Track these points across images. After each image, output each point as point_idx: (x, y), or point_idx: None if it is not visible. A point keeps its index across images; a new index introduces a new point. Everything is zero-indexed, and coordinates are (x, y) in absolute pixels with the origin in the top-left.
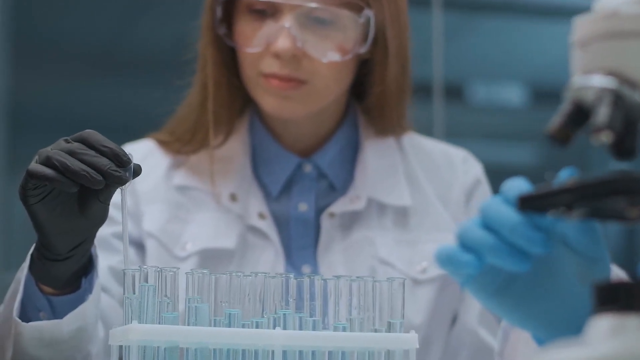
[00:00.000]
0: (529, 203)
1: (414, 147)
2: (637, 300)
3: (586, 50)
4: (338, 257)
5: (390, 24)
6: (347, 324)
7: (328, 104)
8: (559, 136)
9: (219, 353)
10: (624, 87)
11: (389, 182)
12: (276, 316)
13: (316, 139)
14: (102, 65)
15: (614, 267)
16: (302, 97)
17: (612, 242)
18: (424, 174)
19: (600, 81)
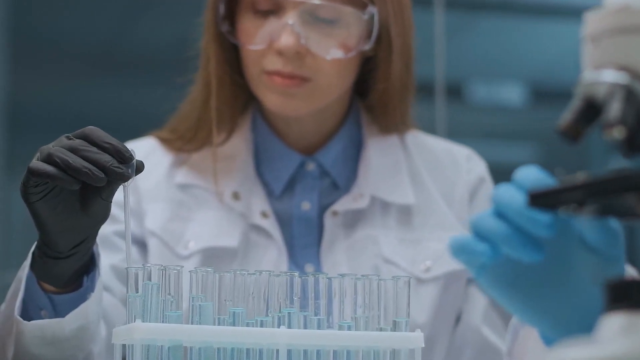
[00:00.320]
0: (540, 200)
1: (418, 145)
2: None
3: (597, 45)
4: (341, 256)
5: (394, 21)
6: (352, 323)
7: (331, 102)
8: (570, 133)
9: (223, 352)
10: (636, 82)
11: (393, 181)
12: (281, 315)
13: (319, 136)
14: (102, 64)
15: (627, 267)
16: (305, 95)
17: None
18: (428, 172)
19: (611, 76)
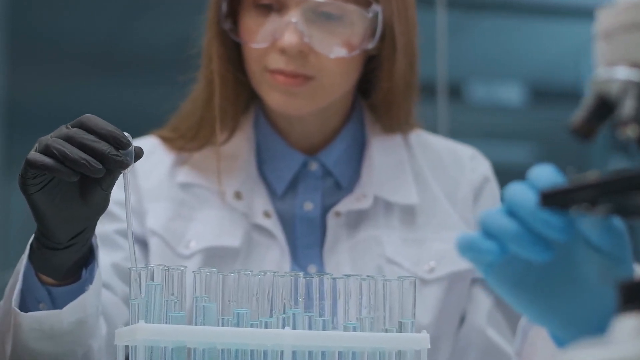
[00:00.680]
0: (552, 199)
1: (421, 145)
2: None
3: (609, 42)
4: (344, 257)
5: (398, 20)
6: (357, 324)
7: (334, 101)
8: (583, 131)
9: (227, 353)
10: None
11: (396, 181)
12: (285, 316)
13: (322, 136)
14: (101, 63)
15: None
16: (308, 94)
17: None
18: (432, 172)
19: (624, 73)
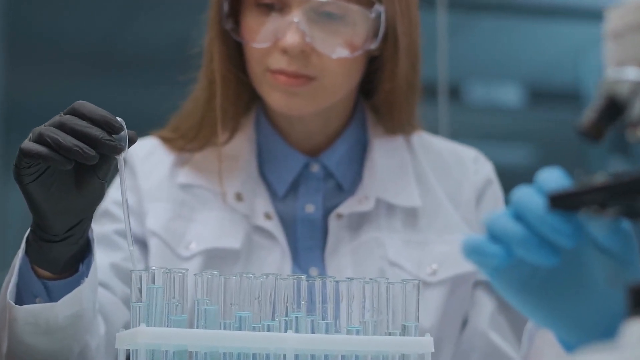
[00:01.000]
0: (560, 201)
1: (424, 147)
2: None
3: (619, 42)
4: (346, 259)
5: (401, 20)
6: (360, 327)
7: (336, 102)
8: (592, 132)
9: (229, 357)
10: None
11: (398, 183)
12: (288, 319)
13: (323, 137)
14: (100, 63)
15: None
16: (310, 94)
17: None
18: (434, 174)
19: (635, 74)
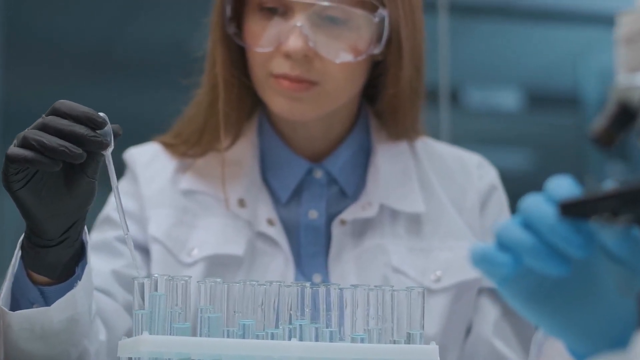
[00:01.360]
0: (571, 210)
1: (428, 152)
2: None
3: (632, 47)
4: (350, 266)
5: (405, 24)
6: (365, 335)
7: (339, 107)
8: (604, 139)
9: None
10: None
11: (402, 188)
12: (292, 327)
13: (327, 142)
14: (97, 66)
15: None
16: (313, 99)
17: None
18: (438, 180)
19: None
